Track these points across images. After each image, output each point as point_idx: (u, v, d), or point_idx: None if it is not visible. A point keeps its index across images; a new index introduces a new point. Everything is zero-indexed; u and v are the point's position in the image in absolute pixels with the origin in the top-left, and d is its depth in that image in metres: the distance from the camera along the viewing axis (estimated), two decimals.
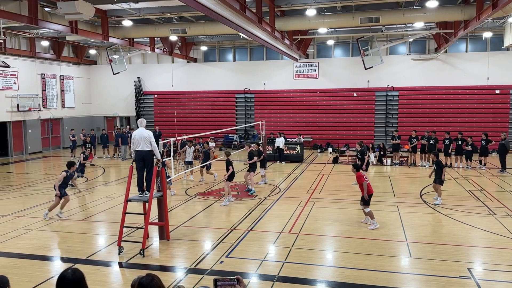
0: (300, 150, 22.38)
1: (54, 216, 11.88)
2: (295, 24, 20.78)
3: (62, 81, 29.23)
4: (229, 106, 29.39)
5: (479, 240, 9.75)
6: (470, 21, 17.94)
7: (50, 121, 28.52)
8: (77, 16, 14.86)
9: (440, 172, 12.80)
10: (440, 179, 12.84)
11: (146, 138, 9.54)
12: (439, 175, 12.84)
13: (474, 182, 16.31)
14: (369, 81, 26.92)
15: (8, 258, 8.82)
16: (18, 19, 16.11)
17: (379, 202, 13.44)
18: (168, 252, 9.15)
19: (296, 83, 28.23)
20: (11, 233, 10.42)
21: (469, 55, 25.90)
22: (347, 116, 27.16)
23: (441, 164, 12.91)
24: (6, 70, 24.37)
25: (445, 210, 12.16)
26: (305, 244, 9.46)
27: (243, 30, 15.53)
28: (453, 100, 25.79)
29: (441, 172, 12.78)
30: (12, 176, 19.28)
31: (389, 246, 9.32)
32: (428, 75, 26.11)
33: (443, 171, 12.82)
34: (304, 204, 13.02)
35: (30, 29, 22.66)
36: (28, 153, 26.35)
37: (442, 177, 12.82)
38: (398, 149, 21.12)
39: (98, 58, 32.21)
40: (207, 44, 29.75)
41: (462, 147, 19.40)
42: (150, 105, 30.85)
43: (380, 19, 19.17)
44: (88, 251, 9.17)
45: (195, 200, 13.92)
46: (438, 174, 12.86)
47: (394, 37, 25.87)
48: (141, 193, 9.81)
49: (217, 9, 12.29)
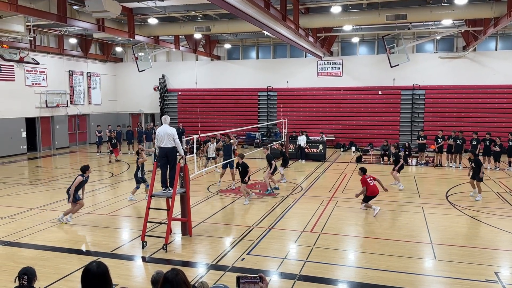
0: (323, 149, 22.21)
1: (83, 209, 12.16)
2: (319, 21, 20.58)
3: (89, 78, 29.86)
4: (251, 104, 29.41)
5: (507, 244, 9.48)
6: (501, 18, 17.39)
7: (77, 117, 29.19)
8: (104, 14, 15.14)
9: (478, 170, 13.12)
10: (479, 177, 13.15)
11: (169, 135, 9.64)
12: (477, 173, 13.15)
13: (502, 184, 15.85)
14: (395, 79, 26.46)
15: (35, 250, 9.08)
16: (47, 17, 16.52)
17: (404, 203, 13.25)
18: (190, 247, 9.24)
19: (319, 81, 28.01)
20: (38, 226, 10.72)
21: (499, 53, 25.13)
22: (371, 115, 26.78)
23: (479, 162, 13.32)
24: (35, 67, 25.07)
25: (471, 212, 11.86)
26: (327, 243, 9.39)
27: (267, 27, 15.49)
28: (481, 99, 25.09)
29: (479, 170, 13.11)
30: (40, 171, 19.84)
31: (413, 248, 9.15)
32: (455, 73, 25.47)
33: (481, 169, 13.15)
34: (326, 203, 12.92)
35: (58, 27, 23.22)
36: (56, 148, 27.05)
37: (481, 174, 13.13)
38: (424, 149, 20.70)
39: (124, 55, 32.76)
40: (231, 42, 29.84)
41: (490, 147, 18.88)
42: (174, 102, 31.18)
43: (406, 17, 18.79)
44: (113, 245, 9.35)
45: (216, 197, 14.00)
46: (477, 172, 13.16)
47: (421, 34, 25.34)
48: (164, 189, 9.93)
49: (241, 7, 12.29)
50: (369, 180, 11.56)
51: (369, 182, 11.46)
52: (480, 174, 13.17)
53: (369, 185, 11.47)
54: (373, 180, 11.69)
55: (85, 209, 12.37)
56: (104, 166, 20.81)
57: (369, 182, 11.49)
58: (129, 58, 32.05)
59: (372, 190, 11.58)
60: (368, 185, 11.44)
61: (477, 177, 13.21)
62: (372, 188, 11.54)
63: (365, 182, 11.45)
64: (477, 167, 13.24)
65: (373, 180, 11.69)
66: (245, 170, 13.11)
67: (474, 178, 13.42)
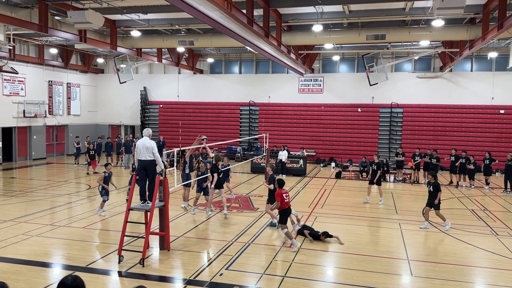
0: (303, 164, 22.37)
1: (58, 222, 11.94)
2: (301, 39, 20.96)
3: (69, 89, 29.48)
4: (233, 118, 29.50)
5: (481, 261, 9.67)
6: (476, 41, 18.04)
7: (55, 128, 28.69)
8: (86, 25, 15.10)
9: (435, 195, 11.87)
10: (435, 204, 11.89)
11: (148, 148, 9.58)
12: (434, 197, 11.91)
13: (477, 202, 16.22)
14: (374, 97, 26.99)
15: (8, 263, 8.81)
16: (28, 27, 16.37)
17: (381, 219, 13.40)
18: (168, 262, 9.13)
19: (301, 97, 28.36)
20: (11, 239, 10.43)
21: (474, 75, 25.98)
22: (351, 132, 27.19)
23: (438, 187, 11.94)
24: (14, 76, 24.64)
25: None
26: (305, 259, 9.42)
27: (250, 43, 15.67)
28: (457, 118, 25.80)
29: (435, 195, 11.85)
30: (15, 182, 19.36)
31: (390, 264, 9.26)
32: (433, 93, 26.18)
33: (438, 195, 11.86)
34: (306, 218, 12.97)
35: (39, 37, 22.96)
36: (32, 159, 26.48)
37: (436, 201, 11.86)
38: (402, 166, 21.07)
39: (105, 66, 32.52)
40: (214, 56, 30.01)
41: (466, 166, 19.35)
42: (155, 115, 31.01)
43: (386, 37, 19.32)
44: (88, 259, 9.16)
45: (196, 211, 13.90)
46: (434, 196, 11.91)
47: (400, 54, 26.02)
48: (143, 202, 9.82)
49: (225, 23, 12.43)
50: (285, 196, 10.38)
51: (284, 198, 10.30)
52: (436, 201, 11.83)
53: (283, 201, 10.29)
54: (287, 198, 10.51)
55: (60, 222, 12.15)
56: (81, 178, 20.45)
57: (284, 197, 10.33)
58: (110, 70, 31.84)
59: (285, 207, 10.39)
60: (282, 200, 10.26)
61: (433, 204, 11.89)
62: (286, 205, 10.37)
63: (280, 196, 10.26)
64: (435, 191, 11.89)
65: (287, 198, 10.51)
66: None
67: (430, 205, 12.01)
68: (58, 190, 17.09)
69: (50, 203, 14.76)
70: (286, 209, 10.33)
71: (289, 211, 10.48)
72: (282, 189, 10.52)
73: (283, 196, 10.28)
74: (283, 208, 10.31)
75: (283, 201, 10.24)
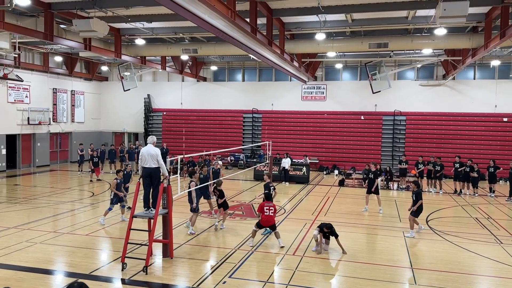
0: (306, 172, 22.36)
1: (62, 229, 11.97)
2: (304, 47, 21.06)
3: (73, 96, 29.67)
4: (236, 126, 29.57)
5: (485, 269, 9.63)
6: (478, 49, 18.09)
7: (59, 135, 28.83)
8: (91, 33, 15.23)
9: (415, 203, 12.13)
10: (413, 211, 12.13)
11: (153, 156, 9.64)
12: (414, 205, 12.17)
13: (481, 210, 16.16)
14: (377, 105, 27.02)
15: (11, 270, 8.84)
16: (34, 35, 16.52)
17: (384, 227, 13.36)
18: (171, 270, 9.12)
19: (303, 104, 28.42)
20: (15, 246, 10.46)
21: (477, 83, 25.99)
22: (354, 139, 27.18)
23: (419, 196, 12.18)
24: (18, 84, 24.82)
25: (451, 237, 12.03)
26: (309, 267, 9.40)
27: (253, 52, 15.77)
28: (460, 126, 25.77)
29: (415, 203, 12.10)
30: (19, 189, 19.43)
31: (394, 272, 9.23)
32: (435, 101, 26.19)
33: (417, 203, 12.07)
34: (309, 226, 12.95)
35: (44, 45, 23.17)
36: (36, 166, 26.58)
37: (414, 208, 12.10)
38: (405, 174, 21.03)
39: (109, 74, 32.73)
40: (217, 64, 30.16)
41: (469, 174, 19.29)
42: (158, 122, 31.12)
43: (388, 45, 19.39)
44: (91, 267, 9.17)
45: (200, 218, 13.89)
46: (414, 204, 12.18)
47: (402, 62, 26.08)
48: (146, 209, 9.85)
49: (229, 31, 12.53)
50: (266, 210, 10.67)
51: (265, 211, 10.64)
52: (414, 207, 12.09)
53: (263, 214, 10.66)
54: (270, 211, 10.74)
55: (63, 229, 12.18)
56: (85, 185, 20.50)
57: (265, 211, 10.64)
58: (114, 77, 32.03)
59: (267, 220, 10.74)
60: (262, 213, 10.66)
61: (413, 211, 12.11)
62: (266, 218, 10.69)
63: (261, 209, 10.71)
64: (416, 200, 12.14)
65: (270, 211, 10.74)
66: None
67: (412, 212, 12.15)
68: (62, 197, 17.14)
69: (53, 210, 14.80)
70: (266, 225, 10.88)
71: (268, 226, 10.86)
72: (267, 201, 11.02)
73: (264, 210, 10.76)
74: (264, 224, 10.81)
75: (263, 214, 10.74)
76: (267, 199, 11.11)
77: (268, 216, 10.74)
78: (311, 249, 10.48)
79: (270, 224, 10.84)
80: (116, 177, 13.58)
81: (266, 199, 11.14)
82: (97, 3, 15.47)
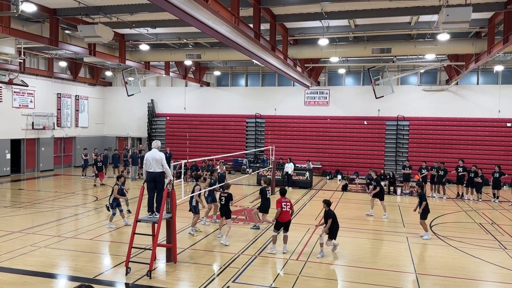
0: (309, 176, 22.36)
1: (66, 233, 12.02)
2: (307, 52, 21.14)
3: (77, 101, 29.82)
4: (239, 130, 29.62)
5: (490, 275, 9.60)
6: (481, 54, 18.11)
7: (63, 140, 28.96)
8: (96, 39, 15.37)
9: (419, 205, 12.47)
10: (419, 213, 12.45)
11: (157, 160, 9.70)
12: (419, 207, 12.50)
13: (485, 215, 16.10)
14: (380, 110, 27.03)
15: (15, 274, 8.87)
16: (39, 41, 16.68)
17: (388, 232, 13.34)
18: (174, 274, 9.14)
19: (306, 109, 28.46)
20: (19, 250, 10.50)
21: (481, 88, 25.97)
22: (357, 144, 27.17)
23: (423, 198, 12.51)
24: (23, 89, 24.99)
25: (455, 243, 11.99)
26: (312, 272, 9.39)
27: (257, 57, 15.85)
28: (464, 132, 25.72)
29: (420, 205, 12.43)
30: (23, 193, 19.51)
31: (398, 277, 9.21)
32: (439, 106, 26.17)
33: (422, 204, 12.40)
34: (313, 231, 12.94)
35: (49, 50, 23.34)
36: (40, 170, 26.69)
37: (419, 210, 12.45)
38: (409, 179, 20.99)
39: (113, 79, 32.89)
40: (220, 69, 30.29)
41: (473, 179, 19.22)
42: (162, 127, 31.22)
43: (391, 50, 19.45)
44: (95, 271, 9.20)
45: (202, 223, 13.91)
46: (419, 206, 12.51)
47: (405, 67, 26.11)
48: (150, 214, 9.88)
49: (232, 37, 12.61)
50: (284, 205, 10.63)
51: (282, 206, 10.58)
52: (418, 210, 12.46)
53: (282, 209, 10.57)
54: (287, 207, 10.71)
55: (67, 233, 12.22)
56: (88, 189, 20.56)
57: (283, 206, 10.59)
58: (118, 82, 32.17)
59: (284, 216, 10.65)
60: (281, 208, 10.57)
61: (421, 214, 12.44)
62: (284, 213, 10.62)
63: (279, 204, 10.57)
64: (420, 202, 12.50)
65: (287, 207, 10.71)
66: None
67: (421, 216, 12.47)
68: (66, 202, 17.21)
69: (57, 214, 14.86)
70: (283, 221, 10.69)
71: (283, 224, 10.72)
72: (283, 197, 10.90)
73: (282, 205, 10.64)
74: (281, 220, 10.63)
75: (282, 210, 10.59)
76: (282, 195, 10.96)
77: (286, 212, 10.64)
78: (316, 256, 10.44)
79: (285, 221, 10.69)
80: (116, 182, 13.55)
81: (282, 194, 10.99)
82: (101, 9, 15.62)
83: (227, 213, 11.97)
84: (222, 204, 12.03)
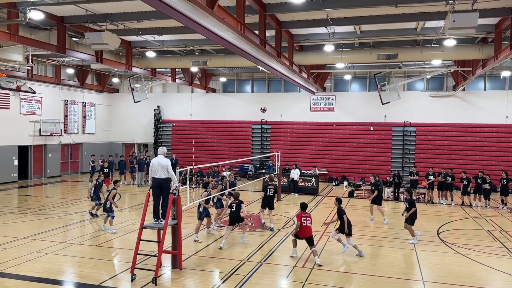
0: (315, 183, 22.28)
1: (72, 240, 12.06)
2: (313, 59, 21.16)
3: (84, 108, 30.03)
4: (245, 136, 29.64)
5: (498, 283, 9.47)
6: (488, 60, 18.01)
7: (70, 146, 29.14)
8: (103, 46, 15.48)
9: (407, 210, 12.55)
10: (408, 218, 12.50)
11: (163, 166, 9.72)
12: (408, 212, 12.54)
13: (493, 222, 15.92)
14: (386, 116, 26.93)
15: (22, 281, 8.89)
16: (47, 48, 16.84)
17: (395, 239, 13.23)
18: (180, 281, 9.11)
19: (312, 115, 28.43)
20: (26, 256, 10.53)
21: (488, 93, 25.80)
22: (363, 150, 27.06)
23: (412, 204, 12.59)
24: (31, 96, 25.21)
25: (463, 250, 11.86)
26: (318, 279, 9.32)
27: (262, 63, 15.89)
28: (471, 137, 25.53)
29: (408, 210, 12.50)
30: (30, 199, 19.61)
31: (405, 285, 9.11)
32: (445, 112, 26.02)
33: (410, 210, 12.45)
34: (319, 238, 12.86)
35: (56, 57, 23.57)
36: (47, 176, 26.84)
37: (406, 214, 12.55)
38: (416, 185, 20.81)
39: (120, 86, 33.10)
40: (226, 76, 30.39)
41: (481, 186, 19.02)
42: (168, 133, 31.33)
43: (397, 56, 19.41)
44: (101, 277, 9.20)
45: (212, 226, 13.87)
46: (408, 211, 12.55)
47: (412, 73, 26.02)
48: (156, 220, 9.88)
49: (238, 44, 12.66)
50: (304, 220, 10.46)
51: (302, 221, 10.43)
52: (406, 215, 12.51)
53: (302, 224, 10.43)
54: (308, 222, 10.52)
55: (74, 240, 12.25)
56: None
57: (303, 221, 10.43)
58: (125, 89, 32.37)
59: (304, 232, 10.47)
60: (301, 223, 10.44)
61: (407, 219, 12.49)
62: (304, 228, 10.44)
63: (299, 219, 10.48)
64: (409, 208, 12.54)
65: (308, 222, 10.52)
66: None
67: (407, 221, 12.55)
68: (72, 208, 17.27)
69: (64, 221, 14.91)
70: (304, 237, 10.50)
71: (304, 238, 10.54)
72: (303, 211, 10.79)
73: (302, 219, 10.48)
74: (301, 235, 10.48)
75: (302, 224, 10.45)
76: (303, 210, 10.83)
77: (306, 227, 10.43)
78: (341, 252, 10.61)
79: (307, 236, 10.45)
80: (114, 187, 13.88)
81: (302, 209, 10.86)
82: (108, 17, 15.76)
83: (236, 220, 12.03)
84: (233, 211, 12.05)
